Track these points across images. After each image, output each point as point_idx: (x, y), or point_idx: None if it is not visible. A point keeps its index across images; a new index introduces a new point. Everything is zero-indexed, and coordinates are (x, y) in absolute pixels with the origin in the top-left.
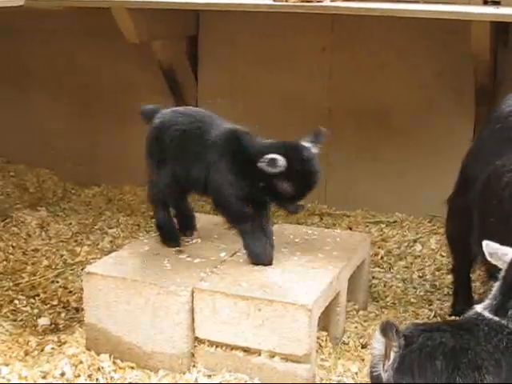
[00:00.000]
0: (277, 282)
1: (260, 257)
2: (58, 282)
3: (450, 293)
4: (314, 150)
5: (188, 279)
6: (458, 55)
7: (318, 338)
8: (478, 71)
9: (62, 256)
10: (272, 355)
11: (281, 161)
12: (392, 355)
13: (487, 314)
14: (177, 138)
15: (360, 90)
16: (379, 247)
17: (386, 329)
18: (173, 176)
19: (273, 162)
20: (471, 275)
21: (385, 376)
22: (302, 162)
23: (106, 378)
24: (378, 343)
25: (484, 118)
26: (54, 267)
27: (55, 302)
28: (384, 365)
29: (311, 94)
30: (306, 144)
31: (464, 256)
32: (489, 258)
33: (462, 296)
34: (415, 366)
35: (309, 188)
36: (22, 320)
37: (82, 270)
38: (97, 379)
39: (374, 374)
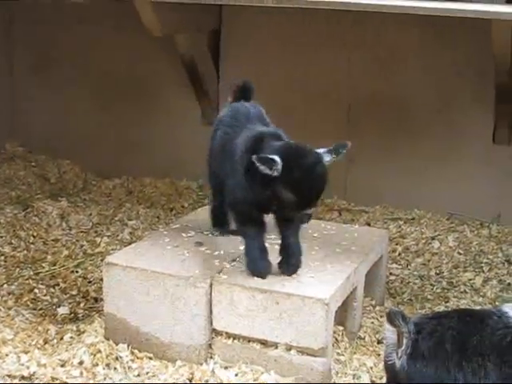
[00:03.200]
0: (295, 276)
1: (254, 266)
2: (77, 271)
3: (467, 290)
4: (327, 157)
5: (207, 271)
6: (479, 53)
7: (334, 332)
8: (499, 69)
9: (81, 246)
10: (288, 348)
11: (277, 163)
12: (404, 341)
13: (507, 310)
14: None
15: (380, 86)
16: (397, 244)
17: (392, 317)
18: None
19: (268, 162)
20: None
21: (398, 363)
22: (303, 168)
23: (124, 368)
24: (389, 332)
25: (504, 115)
26: (73, 257)
27: (75, 292)
28: (398, 353)
29: (332, 89)
30: (319, 151)
31: None
32: None
33: None
34: (427, 350)
35: (310, 197)
36: (41, 309)
37: (102, 260)
38: (115, 368)
39: (389, 362)
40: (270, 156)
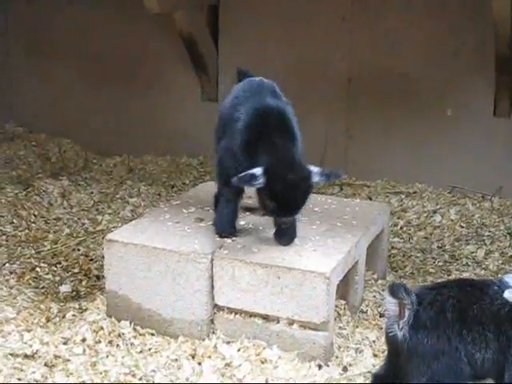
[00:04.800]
0: (296, 250)
1: (218, 225)
2: (79, 250)
3: (469, 263)
4: (316, 177)
5: (208, 247)
6: (480, 26)
7: (336, 306)
8: (499, 42)
9: (83, 224)
10: (290, 322)
11: (258, 179)
12: (406, 313)
13: (508, 280)
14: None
15: (380, 60)
16: (399, 217)
17: (394, 289)
18: None
19: (250, 177)
20: None
21: (400, 334)
22: (283, 183)
23: (127, 344)
24: (390, 305)
25: (505, 87)
26: (75, 235)
27: (77, 270)
28: (399, 324)
29: (331, 63)
30: (312, 169)
31: None
32: None
33: None
34: (428, 320)
35: (288, 209)
36: (43, 287)
37: (103, 238)
38: (117, 345)
39: (390, 334)
40: (251, 172)
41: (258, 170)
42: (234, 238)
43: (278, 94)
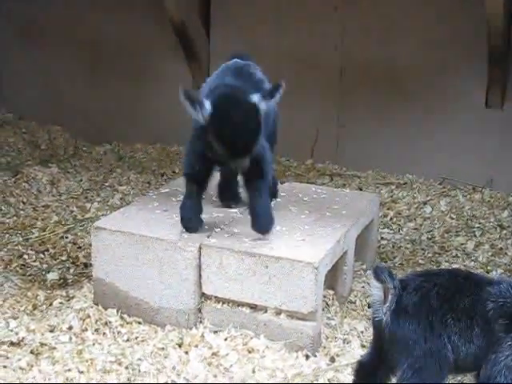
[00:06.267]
0: (284, 240)
1: (184, 220)
2: (67, 237)
3: (459, 255)
4: (263, 106)
5: (196, 235)
6: (472, 17)
7: (324, 296)
8: (492, 33)
9: (71, 212)
10: (278, 312)
11: (204, 108)
12: (390, 297)
13: None
14: None
15: (373, 50)
16: (389, 208)
17: (377, 272)
18: None
19: (194, 104)
20: None
21: (385, 319)
22: (231, 119)
23: (113, 333)
24: (375, 289)
25: (497, 79)
26: (63, 223)
27: (64, 258)
28: (383, 309)
29: (323, 53)
30: (254, 99)
31: None
32: None
33: None
34: (410, 305)
35: (229, 147)
36: (30, 275)
37: (92, 226)
38: (104, 333)
39: (376, 319)
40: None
41: (207, 101)
42: (222, 227)
43: (246, 75)
